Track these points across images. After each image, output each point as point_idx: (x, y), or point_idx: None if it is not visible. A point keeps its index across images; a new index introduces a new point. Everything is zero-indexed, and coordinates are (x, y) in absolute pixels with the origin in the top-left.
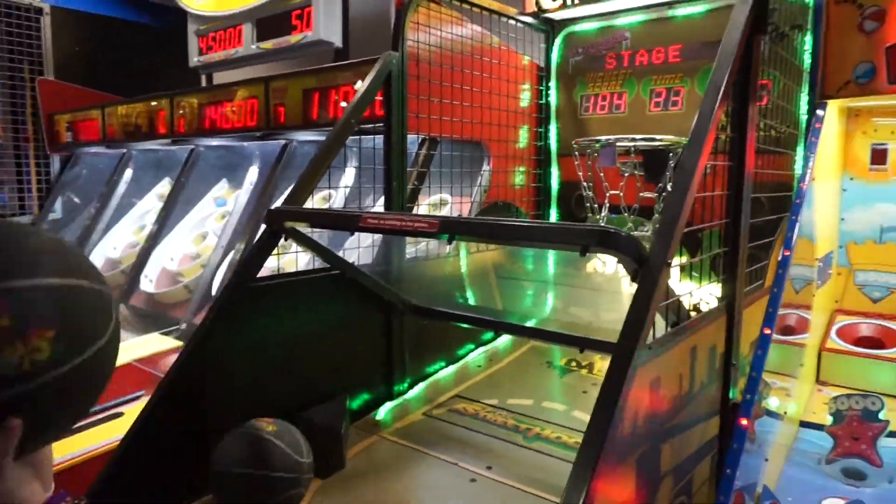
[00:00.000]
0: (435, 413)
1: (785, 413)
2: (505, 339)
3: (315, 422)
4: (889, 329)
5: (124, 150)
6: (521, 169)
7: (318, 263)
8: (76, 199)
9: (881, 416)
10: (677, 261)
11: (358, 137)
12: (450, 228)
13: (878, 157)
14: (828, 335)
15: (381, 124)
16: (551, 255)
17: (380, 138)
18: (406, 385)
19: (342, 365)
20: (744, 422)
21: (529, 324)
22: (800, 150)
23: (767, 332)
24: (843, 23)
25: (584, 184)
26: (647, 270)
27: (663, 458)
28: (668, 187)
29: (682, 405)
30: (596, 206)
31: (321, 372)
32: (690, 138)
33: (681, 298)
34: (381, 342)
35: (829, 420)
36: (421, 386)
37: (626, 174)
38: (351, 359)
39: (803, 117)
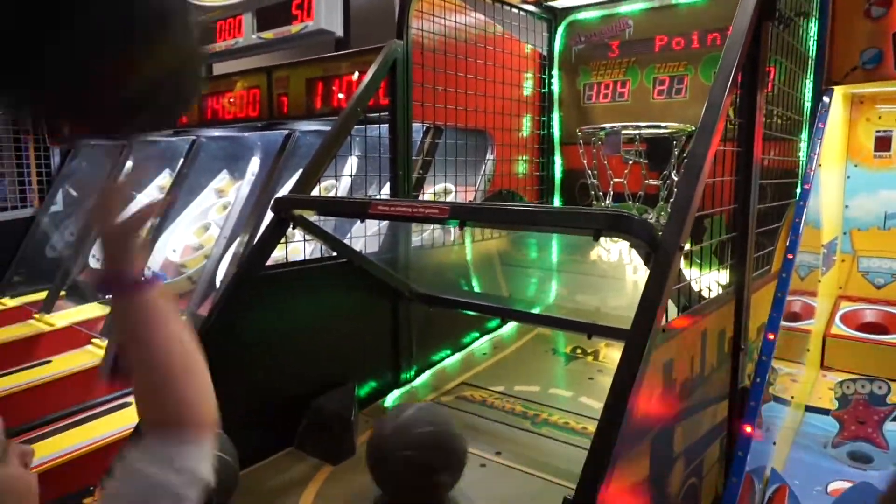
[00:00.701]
0: (442, 400)
1: (792, 398)
2: (510, 327)
3: (325, 409)
4: (893, 315)
5: (125, 142)
6: (525, 157)
7: (324, 252)
8: (77, 192)
9: (888, 399)
10: (686, 247)
11: (363, 126)
12: (461, 214)
13: (882, 144)
14: (832, 321)
15: (386, 113)
16: (555, 243)
17: (385, 127)
18: (413, 372)
19: (350, 353)
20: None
21: (535, 311)
22: (804, 137)
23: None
24: (850, 8)
25: (589, 171)
26: (660, 254)
27: (676, 440)
28: (673, 175)
29: (694, 388)
30: (600, 193)
31: (329, 359)
32: (701, 124)
33: (690, 283)
34: (388, 330)
35: (834, 405)
36: (428, 373)
37: (631, 162)
38: (359, 346)
39: (807, 104)
